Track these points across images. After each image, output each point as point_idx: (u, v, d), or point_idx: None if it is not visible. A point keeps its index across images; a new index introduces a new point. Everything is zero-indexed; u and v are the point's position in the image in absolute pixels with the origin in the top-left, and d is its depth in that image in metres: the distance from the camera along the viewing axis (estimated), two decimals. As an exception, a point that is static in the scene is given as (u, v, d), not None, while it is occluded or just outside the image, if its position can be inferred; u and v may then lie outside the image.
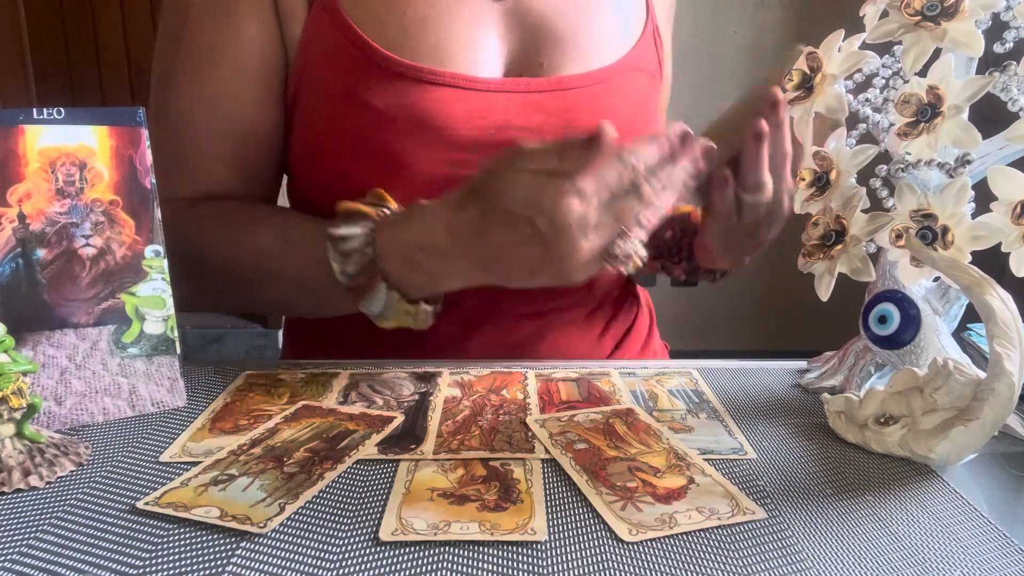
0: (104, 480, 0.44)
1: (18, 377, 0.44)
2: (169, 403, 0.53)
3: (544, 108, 0.65)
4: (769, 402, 0.55)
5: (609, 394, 0.56)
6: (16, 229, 0.48)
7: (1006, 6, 0.47)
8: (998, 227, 0.46)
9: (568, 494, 0.42)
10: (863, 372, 0.55)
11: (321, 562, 0.36)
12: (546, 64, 0.66)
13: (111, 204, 0.50)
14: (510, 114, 0.64)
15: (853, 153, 0.52)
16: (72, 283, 0.49)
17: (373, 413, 0.52)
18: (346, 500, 0.41)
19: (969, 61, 0.49)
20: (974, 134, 0.46)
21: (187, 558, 0.36)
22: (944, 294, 0.53)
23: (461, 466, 0.45)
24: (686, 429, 0.50)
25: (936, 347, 0.52)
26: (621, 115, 0.67)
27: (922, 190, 0.49)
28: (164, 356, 0.53)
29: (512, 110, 0.64)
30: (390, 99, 0.62)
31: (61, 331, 0.50)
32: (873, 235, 0.51)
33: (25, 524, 0.39)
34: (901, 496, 0.42)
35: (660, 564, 0.36)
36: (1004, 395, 0.42)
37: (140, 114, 0.50)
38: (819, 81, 0.53)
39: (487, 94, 0.63)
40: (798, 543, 0.38)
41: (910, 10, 0.48)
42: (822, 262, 0.54)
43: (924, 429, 0.45)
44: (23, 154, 0.47)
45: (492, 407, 0.53)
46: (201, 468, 0.44)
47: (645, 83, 0.71)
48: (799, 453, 0.47)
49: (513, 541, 0.37)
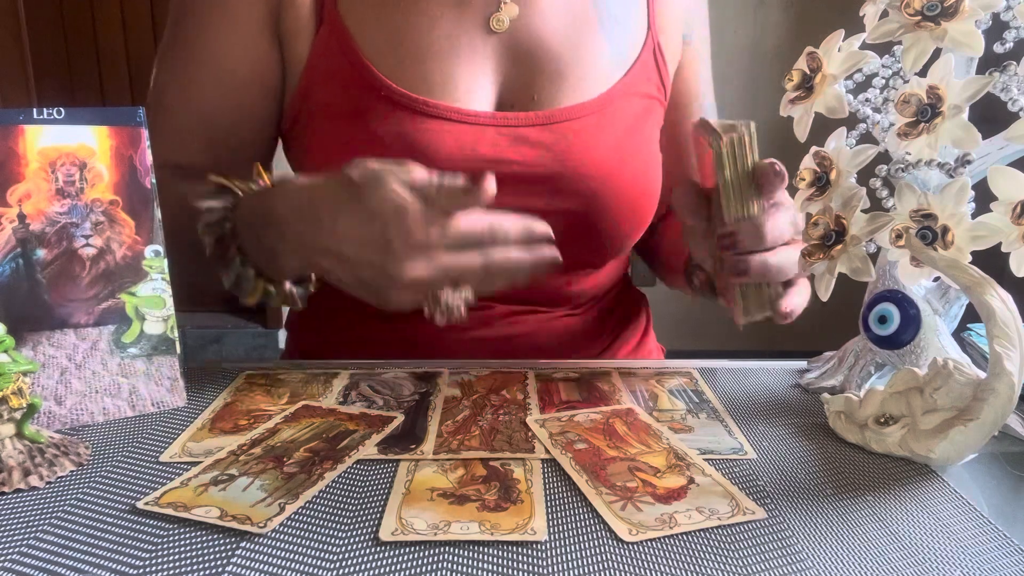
0: (104, 480, 0.44)
1: (18, 377, 0.44)
2: (169, 403, 0.53)
3: (534, 141, 0.66)
4: (769, 402, 0.55)
5: (609, 394, 0.56)
6: (16, 229, 0.48)
7: (1006, 6, 0.47)
8: (998, 227, 0.46)
9: (568, 494, 0.42)
10: (863, 372, 0.56)
11: (321, 562, 0.36)
12: (538, 97, 0.67)
13: (111, 204, 0.50)
14: (501, 147, 0.65)
15: (853, 153, 0.52)
16: (72, 283, 0.49)
17: (373, 413, 0.52)
18: (346, 500, 0.41)
19: (969, 61, 0.49)
20: (974, 134, 0.46)
21: (187, 558, 0.36)
22: (944, 294, 0.53)
23: (461, 466, 0.45)
24: (686, 429, 0.50)
25: (936, 347, 0.52)
26: (611, 143, 0.68)
27: (922, 190, 0.49)
28: (164, 356, 0.53)
29: (503, 143, 0.65)
30: (387, 126, 0.64)
31: (61, 331, 0.50)
32: (873, 235, 0.51)
33: (25, 524, 0.39)
34: (901, 496, 0.42)
35: (660, 564, 0.36)
36: (1004, 395, 0.42)
37: (140, 114, 0.50)
38: (819, 81, 0.53)
39: (477, 127, 0.65)
40: (798, 543, 0.38)
41: (910, 10, 0.48)
42: (822, 262, 0.54)
43: (924, 429, 0.45)
44: (23, 154, 0.47)
45: (492, 407, 0.53)
46: (201, 468, 0.44)
47: (641, 106, 0.72)
48: (799, 453, 0.47)
49: (513, 541, 0.37)
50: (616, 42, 0.70)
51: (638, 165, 0.70)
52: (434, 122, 0.64)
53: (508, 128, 0.65)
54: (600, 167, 0.67)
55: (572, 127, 0.67)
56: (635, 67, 0.71)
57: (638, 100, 0.71)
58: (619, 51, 0.71)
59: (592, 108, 0.68)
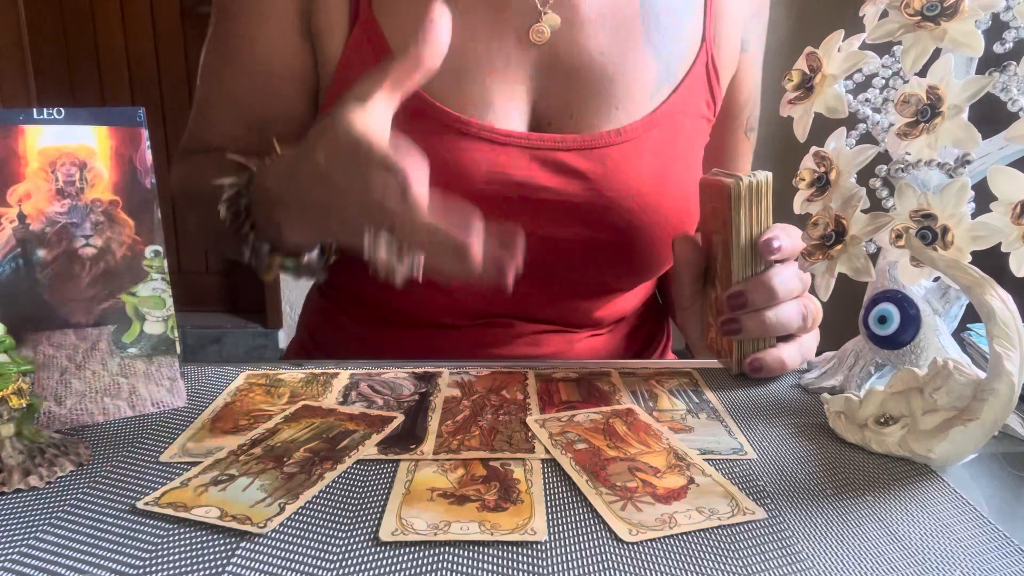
0: (104, 480, 0.44)
1: (18, 377, 0.44)
2: (169, 403, 0.53)
3: (569, 167, 0.62)
4: (769, 402, 0.55)
5: (609, 394, 0.56)
6: (16, 229, 0.48)
7: (1006, 6, 0.47)
8: (998, 227, 0.46)
9: (568, 494, 0.42)
10: (863, 372, 0.55)
11: (321, 562, 0.36)
12: (575, 116, 0.63)
13: (111, 204, 0.50)
14: (532, 171, 0.62)
15: (853, 153, 0.52)
16: (72, 283, 0.49)
17: (373, 413, 0.52)
18: (346, 500, 0.41)
19: (969, 61, 0.49)
20: (974, 134, 0.46)
21: (187, 558, 0.36)
22: (944, 294, 0.53)
23: (461, 466, 0.45)
24: (686, 429, 0.50)
25: (936, 347, 0.52)
26: (652, 171, 0.64)
27: (922, 190, 0.49)
28: (164, 356, 0.53)
29: (535, 167, 0.62)
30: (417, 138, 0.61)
31: (61, 331, 0.50)
32: (873, 235, 0.51)
33: (25, 524, 0.39)
34: (901, 496, 0.42)
35: (660, 564, 0.36)
36: (1004, 395, 0.42)
37: (140, 114, 0.50)
38: (819, 81, 0.53)
39: (510, 148, 0.61)
40: (798, 543, 0.38)
41: (910, 10, 0.48)
42: (822, 262, 0.54)
43: (924, 429, 0.45)
44: (23, 154, 0.47)
45: (492, 407, 0.53)
46: (201, 468, 0.44)
47: (689, 128, 0.67)
48: (799, 453, 0.47)
49: (513, 541, 0.37)
50: (665, 57, 0.65)
51: (680, 191, 0.66)
52: (466, 141, 0.61)
53: (543, 151, 0.62)
54: (639, 197, 0.63)
55: (611, 153, 0.63)
56: (684, 84, 0.66)
57: (686, 121, 0.67)
58: (668, 67, 0.65)
59: (633, 132, 0.63)
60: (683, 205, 0.66)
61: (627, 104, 0.64)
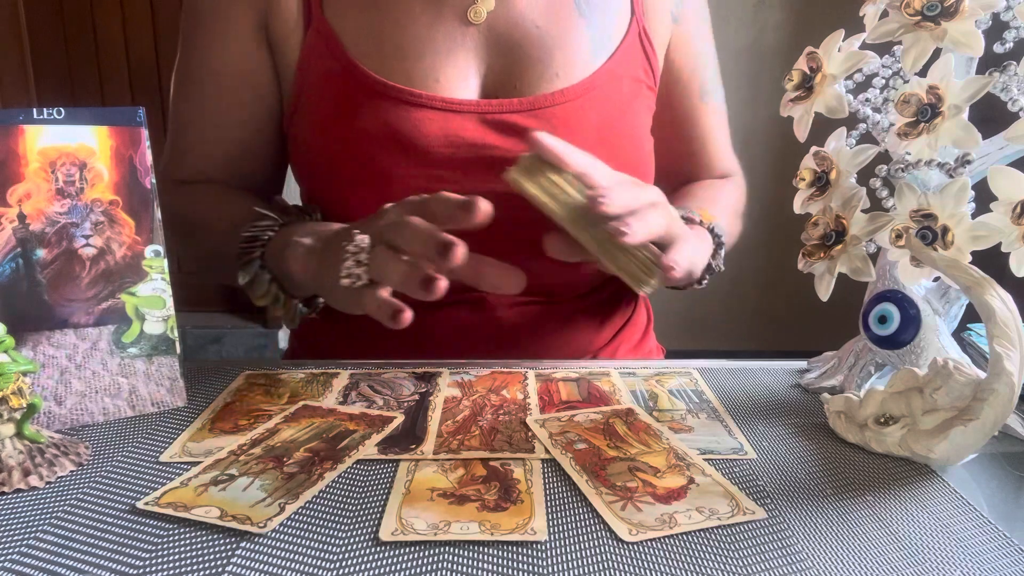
0: (104, 480, 0.44)
1: (18, 377, 0.44)
2: (169, 403, 0.53)
3: (519, 127, 0.66)
4: (769, 402, 0.55)
5: (609, 394, 0.56)
6: (16, 229, 0.47)
7: (1006, 6, 0.47)
8: (998, 227, 0.46)
9: (568, 494, 0.42)
10: (863, 372, 0.56)
11: (321, 562, 0.36)
12: (519, 85, 0.68)
13: (111, 204, 0.50)
14: (483, 133, 0.66)
15: (853, 153, 0.52)
16: (72, 283, 0.49)
17: (373, 413, 0.52)
18: (346, 500, 0.41)
19: (969, 61, 0.49)
20: (974, 134, 0.46)
21: (187, 558, 0.36)
22: (944, 294, 0.53)
23: (461, 466, 0.45)
24: (686, 429, 0.50)
25: (936, 347, 0.52)
26: (595, 127, 0.69)
27: (922, 190, 0.49)
28: (164, 356, 0.53)
29: (487, 129, 0.66)
30: (375, 119, 0.66)
31: (61, 331, 0.50)
32: (873, 235, 0.51)
33: (25, 524, 0.39)
34: (901, 496, 0.42)
35: (660, 564, 0.36)
36: (1004, 395, 0.42)
37: (140, 114, 0.50)
38: (819, 81, 0.53)
39: (461, 115, 0.66)
40: (798, 543, 0.38)
41: (910, 10, 0.48)
42: (822, 262, 0.54)
43: (924, 429, 0.45)
44: (23, 154, 0.47)
45: (492, 407, 0.53)
46: (201, 468, 0.44)
47: (628, 90, 0.72)
48: (799, 453, 0.47)
49: (513, 541, 0.37)
50: (597, 28, 0.71)
51: (625, 149, 0.71)
52: (419, 111, 0.65)
53: (492, 115, 0.67)
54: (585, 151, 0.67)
55: (556, 112, 0.68)
56: (619, 52, 0.72)
57: (624, 84, 0.72)
58: (601, 36, 0.71)
59: (575, 93, 0.68)
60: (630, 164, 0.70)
61: (567, 70, 0.69)
